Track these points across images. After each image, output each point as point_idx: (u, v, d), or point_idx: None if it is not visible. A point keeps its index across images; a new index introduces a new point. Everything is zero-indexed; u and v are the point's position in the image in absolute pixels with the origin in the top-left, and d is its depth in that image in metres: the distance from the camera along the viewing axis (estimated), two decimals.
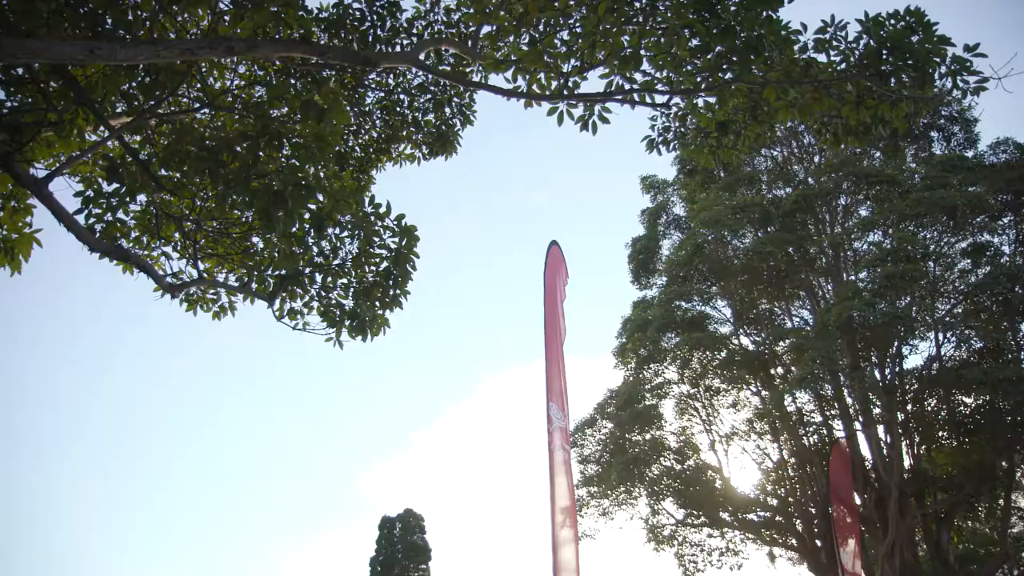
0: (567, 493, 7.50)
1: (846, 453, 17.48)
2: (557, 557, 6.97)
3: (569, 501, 7.49)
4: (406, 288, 6.70)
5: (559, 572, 6.94)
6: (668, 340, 19.83)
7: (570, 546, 7.29)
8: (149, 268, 6.30)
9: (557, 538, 7.03)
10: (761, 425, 19.72)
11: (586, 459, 20.22)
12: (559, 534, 7.06)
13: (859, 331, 15.76)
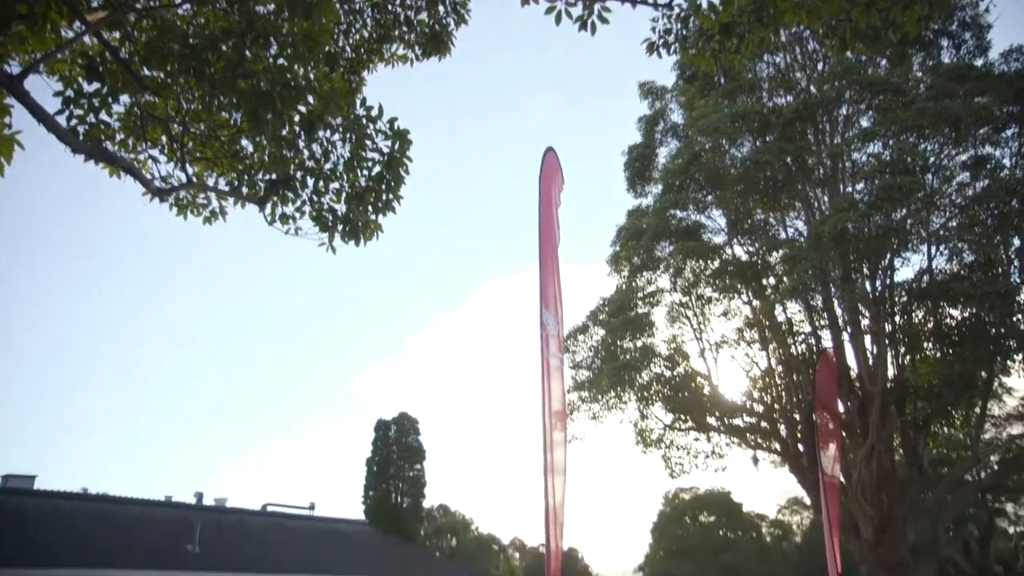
0: (559, 398, 7.68)
1: (832, 362, 17.86)
2: (548, 458, 7.20)
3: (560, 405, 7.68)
4: (399, 193, 6.62)
5: (550, 473, 7.19)
6: (662, 249, 19.87)
7: (561, 448, 7.53)
8: (136, 171, 6.18)
9: (548, 440, 7.24)
10: (751, 334, 20.05)
11: (578, 365, 20.64)
12: (550, 437, 7.27)
13: (852, 243, 15.78)
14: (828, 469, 15.64)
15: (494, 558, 68.77)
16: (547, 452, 7.20)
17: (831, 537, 14.96)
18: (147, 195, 6.28)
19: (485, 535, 73.56)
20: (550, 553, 6.97)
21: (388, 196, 6.59)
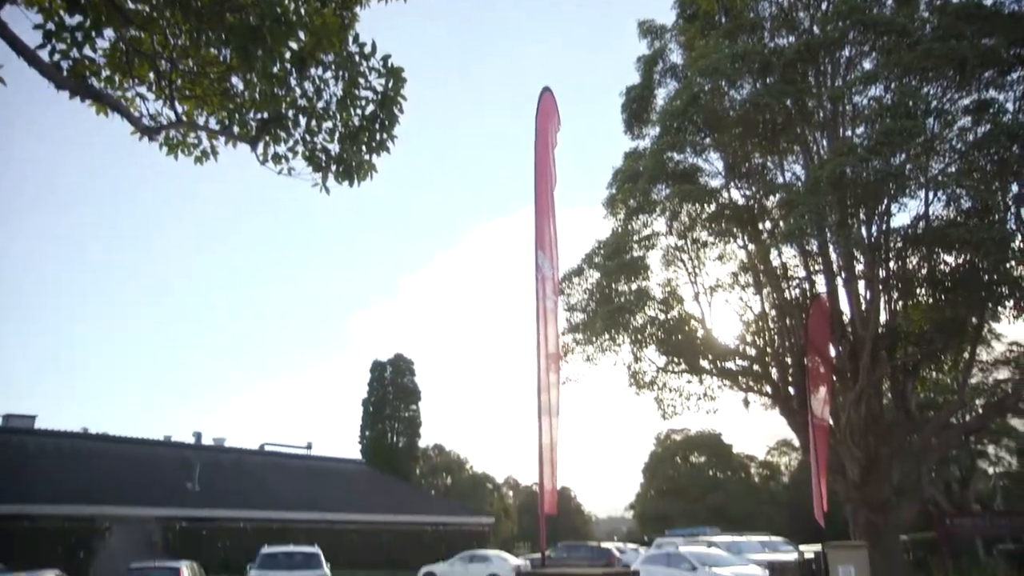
0: (553, 340, 7.74)
1: (826, 307, 17.97)
2: (542, 399, 7.29)
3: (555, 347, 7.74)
4: (393, 132, 6.51)
5: (544, 413, 7.30)
6: (658, 192, 19.74)
7: (555, 390, 7.61)
8: (123, 109, 6.04)
9: (542, 382, 7.32)
10: (745, 278, 20.10)
11: (572, 307, 20.72)
12: (544, 378, 7.35)
13: (850, 187, 15.69)
14: (818, 412, 15.90)
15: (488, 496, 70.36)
16: (541, 393, 7.29)
17: (818, 477, 15.32)
18: (136, 134, 6.16)
19: (479, 474, 75.12)
20: (543, 492, 7.12)
21: (382, 136, 6.49)
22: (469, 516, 43.20)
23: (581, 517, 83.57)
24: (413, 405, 53.36)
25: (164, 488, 33.32)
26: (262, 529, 31.87)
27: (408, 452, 52.51)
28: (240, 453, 42.61)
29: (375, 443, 51.26)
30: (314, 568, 16.55)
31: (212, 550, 30.03)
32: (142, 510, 30.51)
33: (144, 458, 36.97)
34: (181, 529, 30.77)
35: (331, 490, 39.95)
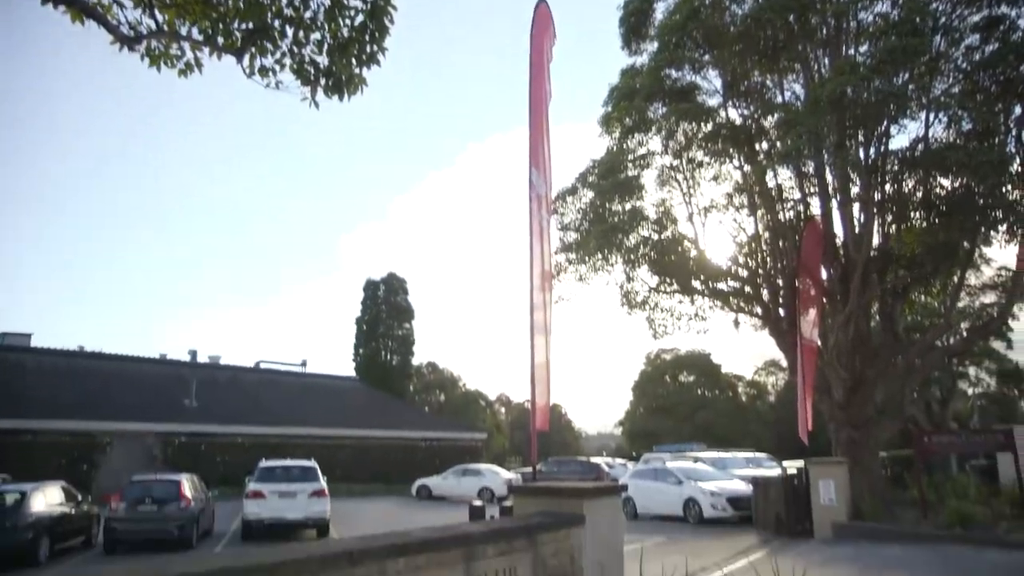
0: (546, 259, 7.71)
1: (819, 229, 17.96)
2: (534, 318, 7.32)
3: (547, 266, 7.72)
4: (383, 44, 6.28)
5: (536, 332, 7.34)
6: (655, 110, 19.36)
7: (547, 308, 7.64)
8: (100, 16, 5.77)
9: (535, 301, 7.34)
10: (740, 199, 19.97)
11: (566, 227, 20.63)
12: (536, 298, 7.36)
13: (850, 108, 15.40)
14: (807, 333, 16.10)
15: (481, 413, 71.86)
16: (533, 312, 7.31)
17: (804, 397, 15.65)
18: (115, 44, 5.91)
19: (472, 391, 76.53)
20: (535, 408, 7.24)
21: (372, 48, 6.26)
22: (462, 432, 44.29)
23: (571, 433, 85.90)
24: (406, 324, 53.83)
25: (162, 404, 33.90)
26: (259, 444, 32.62)
27: (401, 370, 53.32)
28: (235, 371, 43.19)
29: (369, 361, 51.95)
30: (311, 481, 16.99)
31: (211, 464, 30.82)
32: (141, 425, 31.12)
33: (140, 375, 37.45)
34: (180, 444, 31.48)
35: (326, 407, 40.73)
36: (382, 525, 18.46)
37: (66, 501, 15.11)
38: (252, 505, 16.28)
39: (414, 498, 30.63)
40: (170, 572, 3.18)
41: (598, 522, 5.81)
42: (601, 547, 5.80)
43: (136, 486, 15.59)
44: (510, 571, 4.87)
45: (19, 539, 13.02)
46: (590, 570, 5.62)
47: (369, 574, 3.90)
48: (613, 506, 6.06)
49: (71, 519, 15.02)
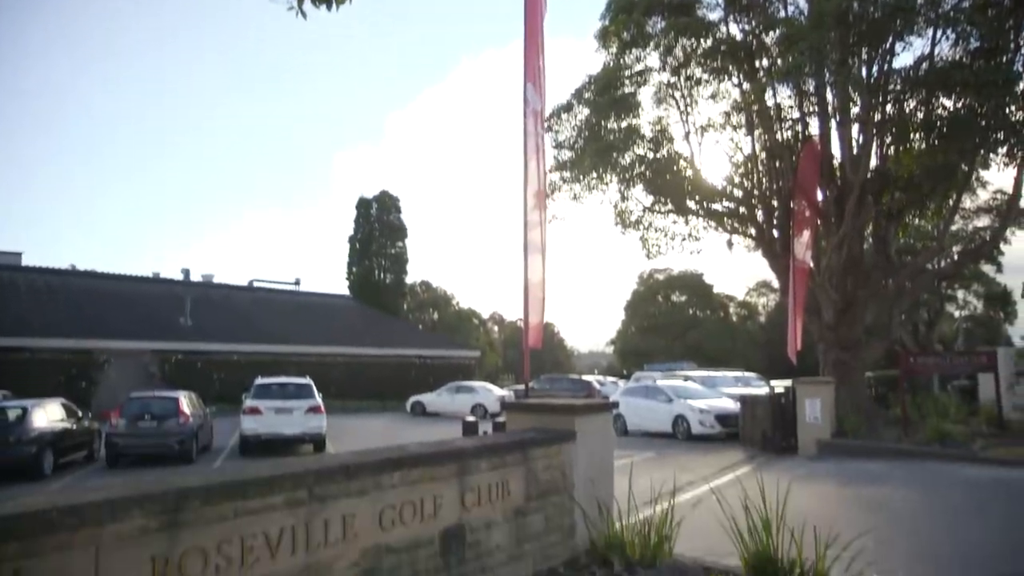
0: (539, 177, 7.59)
1: (817, 150, 17.73)
2: (528, 237, 7.26)
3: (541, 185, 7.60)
4: None
5: (529, 250, 7.29)
6: (653, 24, 18.75)
7: (539, 228, 7.57)
8: None
9: (528, 219, 7.26)
10: (738, 118, 19.61)
11: (560, 144, 20.32)
12: (530, 216, 7.28)
13: (855, 23, 14.94)
14: (800, 255, 16.12)
15: (474, 331, 72.65)
16: (527, 231, 7.25)
17: (794, 318, 15.80)
18: None
19: (466, 310, 77.08)
20: (528, 327, 7.27)
21: None
22: (455, 350, 44.84)
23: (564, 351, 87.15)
24: (399, 242, 53.67)
25: (157, 323, 34.07)
26: (254, 362, 32.97)
27: (395, 288, 53.48)
28: (229, 289, 43.25)
29: (362, 279, 52.03)
30: (306, 398, 17.23)
31: (207, 381, 31.21)
32: (137, 344, 31.35)
33: (134, 294, 37.48)
34: (176, 362, 31.81)
35: (320, 325, 41.03)
36: (377, 440, 18.89)
37: (67, 417, 15.33)
38: (249, 421, 16.56)
39: (408, 415, 31.24)
40: (171, 485, 3.22)
41: (589, 438, 5.93)
42: (592, 462, 5.93)
43: (135, 402, 15.79)
44: (502, 485, 4.98)
45: (23, 453, 13.27)
46: (581, 484, 5.76)
47: (365, 488, 3.97)
48: (604, 423, 6.17)
49: (73, 434, 15.27)
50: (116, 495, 2.97)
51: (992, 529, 7.75)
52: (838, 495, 10.03)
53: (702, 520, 6.45)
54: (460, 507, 4.62)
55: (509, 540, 5.02)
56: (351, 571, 3.86)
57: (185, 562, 3.13)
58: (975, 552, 6.80)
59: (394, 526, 4.14)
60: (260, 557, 3.42)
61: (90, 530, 2.83)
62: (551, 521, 5.46)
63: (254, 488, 3.41)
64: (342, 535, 3.82)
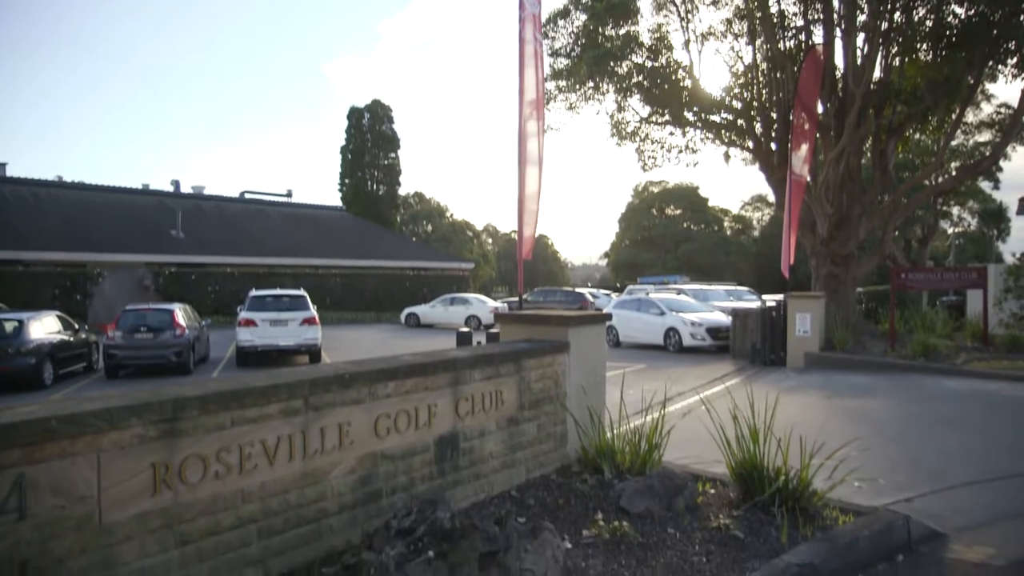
0: (535, 86, 7.38)
1: (819, 60, 17.25)
2: (523, 148, 7.13)
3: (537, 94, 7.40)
4: None
5: (524, 163, 7.17)
6: None
7: (536, 138, 7.42)
8: None
9: (524, 130, 7.10)
10: (740, 26, 19.02)
11: (557, 52, 19.74)
12: (526, 126, 7.12)
13: None
14: (797, 168, 15.94)
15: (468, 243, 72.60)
16: (522, 142, 7.10)
17: (789, 232, 15.78)
18: None
19: (459, 221, 76.79)
20: (522, 239, 7.23)
21: None
22: (449, 262, 44.90)
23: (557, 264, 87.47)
24: (392, 153, 52.89)
25: (149, 235, 33.85)
26: (248, 274, 33.01)
27: (388, 200, 53.04)
28: (220, 201, 42.79)
29: (355, 191, 51.52)
30: (301, 310, 17.33)
31: (202, 294, 31.32)
32: (130, 256, 31.24)
33: (125, 206, 37.05)
34: (170, 274, 31.80)
35: (314, 237, 40.86)
36: (372, 351, 19.14)
37: (63, 329, 15.42)
38: (245, 333, 16.70)
39: (403, 326, 31.57)
40: (167, 394, 3.25)
41: (582, 349, 6.00)
42: (584, 373, 6.02)
43: (130, 315, 15.85)
44: (496, 394, 5.06)
45: (23, 363, 13.41)
46: (573, 394, 5.86)
47: (360, 397, 4.03)
48: (597, 334, 6.23)
49: (70, 346, 15.40)
50: (114, 404, 3.00)
51: (968, 438, 8.00)
52: (824, 406, 10.28)
53: (691, 429, 6.62)
54: (454, 416, 4.71)
55: (502, 448, 5.15)
56: (348, 478, 3.97)
57: (185, 469, 3.19)
58: (952, 459, 7.03)
59: (389, 434, 4.22)
60: (258, 464, 3.50)
61: (90, 438, 2.87)
62: (544, 430, 5.59)
63: (250, 397, 3.45)
64: (338, 443, 3.90)
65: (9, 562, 2.65)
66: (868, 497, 5.45)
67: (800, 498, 4.74)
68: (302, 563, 3.71)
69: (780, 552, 4.12)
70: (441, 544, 3.31)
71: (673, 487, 4.85)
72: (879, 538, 4.57)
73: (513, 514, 4.53)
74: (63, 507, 2.80)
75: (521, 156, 7.09)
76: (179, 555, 3.19)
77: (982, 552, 4.66)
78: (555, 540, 3.73)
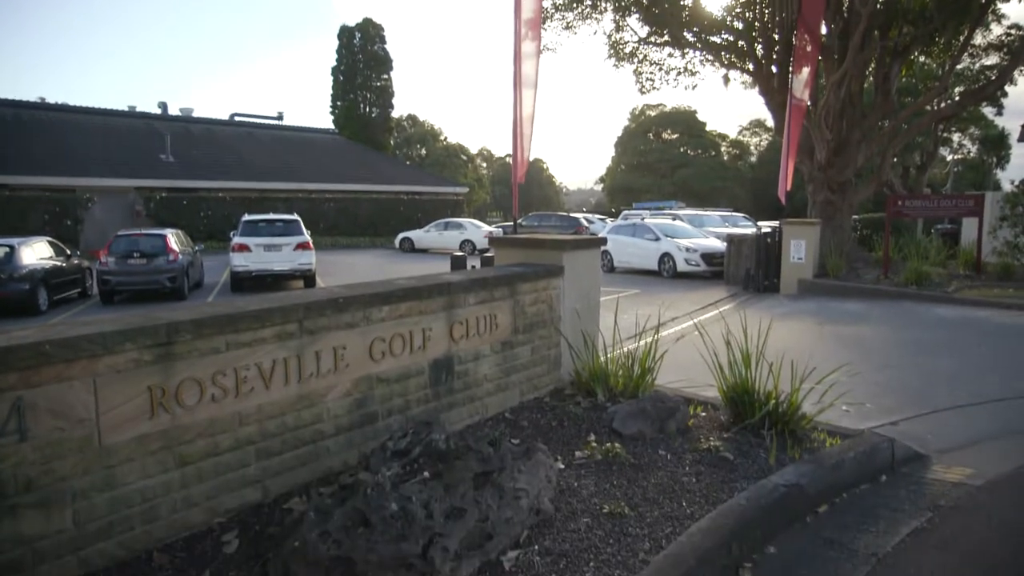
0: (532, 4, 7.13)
1: None
2: (518, 70, 6.94)
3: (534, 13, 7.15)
4: None
5: (520, 85, 7.00)
6: None
7: (532, 60, 7.21)
8: None
9: (520, 51, 6.90)
10: None
11: None
12: (522, 47, 6.92)
13: None
14: (798, 92, 15.63)
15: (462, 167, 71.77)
16: (517, 63, 6.91)
17: (788, 158, 15.59)
18: None
19: (453, 145, 75.69)
20: (516, 163, 7.13)
21: None
22: (443, 186, 44.47)
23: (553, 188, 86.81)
24: (384, 74, 51.61)
25: (138, 160, 33.28)
26: (240, 199, 32.70)
27: (381, 123, 52.07)
28: (210, 124, 41.94)
29: (347, 113, 50.51)
30: (294, 235, 17.24)
31: (194, 219, 31.07)
32: (120, 181, 30.80)
33: (111, 129, 36.27)
34: (161, 199, 31.45)
35: (306, 161, 40.28)
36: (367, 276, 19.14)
37: (56, 255, 15.32)
38: (239, 258, 16.65)
39: (397, 251, 31.52)
40: (160, 319, 3.24)
41: (577, 273, 5.99)
42: (579, 297, 6.04)
43: (122, 240, 15.74)
44: (490, 318, 5.08)
45: (17, 288, 13.38)
46: (568, 318, 5.90)
47: (355, 321, 4.04)
48: (592, 258, 6.22)
49: (64, 271, 15.34)
50: (107, 329, 3.00)
51: (955, 364, 8.13)
52: (815, 332, 10.40)
53: (684, 354, 6.70)
54: (449, 339, 4.74)
55: (497, 371, 5.21)
56: (344, 400, 4.02)
57: (182, 392, 3.22)
58: (938, 384, 7.16)
59: (384, 358, 4.26)
60: (255, 388, 3.53)
61: (85, 362, 2.88)
62: (537, 353, 5.65)
63: (244, 321, 3.45)
64: (334, 366, 3.93)
65: (14, 481, 2.70)
66: (855, 420, 5.57)
67: (789, 421, 4.83)
68: (300, 484, 3.79)
69: (768, 473, 4.23)
70: (436, 465, 3.38)
71: (665, 410, 4.93)
72: (864, 460, 4.68)
73: (507, 436, 4.62)
74: (63, 429, 2.83)
75: (517, 78, 6.91)
76: (179, 475, 3.25)
77: (961, 472, 4.80)
78: (548, 461, 3.82)
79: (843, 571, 3.48)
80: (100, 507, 2.98)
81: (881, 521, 4.05)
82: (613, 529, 3.45)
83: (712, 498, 3.86)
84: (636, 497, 3.84)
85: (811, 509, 4.15)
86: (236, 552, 3.16)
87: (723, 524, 3.51)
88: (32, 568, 2.78)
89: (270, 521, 3.43)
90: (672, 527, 3.50)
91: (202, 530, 3.34)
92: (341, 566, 2.77)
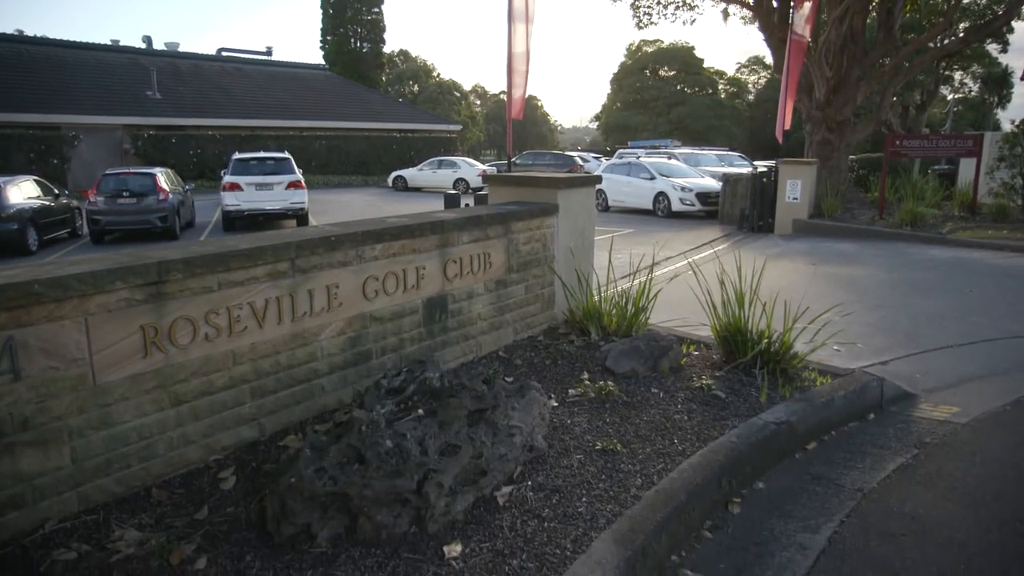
0: None
1: None
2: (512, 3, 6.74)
3: None
4: None
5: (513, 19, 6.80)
6: None
7: None
8: None
9: None
10: None
11: None
12: None
13: None
14: (799, 28, 15.28)
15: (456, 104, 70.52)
16: None
17: (786, 95, 15.34)
18: None
19: (447, 81, 74.26)
20: (511, 100, 6.99)
21: None
22: (437, 124, 43.77)
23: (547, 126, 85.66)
24: (375, 7, 50.19)
25: (124, 96, 32.52)
26: (230, 136, 32.15)
27: (372, 58, 50.89)
28: (197, 59, 40.89)
29: (337, 48, 49.32)
30: (286, 173, 17.02)
31: (184, 158, 30.61)
32: (106, 118, 30.16)
33: (94, 64, 35.31)
34: (149, 137, 30.90)
35: (297, 97, 39.49)
36: (360, 214, 19.03)
37: (44, 194, 15.10)
38: (230, 197, 16.47)
39: (391, 189, 31.23)
40: (150, 257, 3.20)
41: (571, 212, 5.95)
42: (573, 235, 6.00)
43: (111, 179, 15.51)
44: (484, 257, 5.06)
45: (5, 228, 13.23)
46: (562, 257, 5.88)
47: (347, 259, 4.01)
48: (586, 197, 6.16)
49: (52, 211, 15.14)
50: (97, 268, 2.96)
51: (946, 304, 8.18)
52: (809, 272, 10.42)
53: (678, 293, 6.71)
54: (443, 278, 4.73)
55: (490, 310, 5.21)
56: (338, 339, 4.02)
57: (175, 331, 3.21)
58: (929, 324, 7.21)
59: (378, 296, 4.24)
60: (248, 326, 3.52)
61: (76, 301, 2.86)
62: (531, 292, 5.64)
63: (236, 260, 3.42)
64: (327, 305, 3.92)
65: (10, 419, 2.71)
66: (846, 360, 5.62)
67: (781, 360, 4.87)
68: (295, 421, 3.83)
69: (759, 411, 4.28)
70: (430, 402, 3.41)
71: (658, 348, 4.96)
72: (853, 398, 4.75)
73: (501, 373, 4.66)
74: (56, 368, 2.83)
75: (511, 12, 6.71)
76: (175, 414, 3.27)
77: (947, 410, 4.87)
78: (542, 398, 3.85)
79: (829, 506, 3.56)
80: (97, 445, 3.00)
81: (868, 458, 4.13)
82: (605, 465, 3.51)
83: (703, 435, 3.92)
84: (628, 434, 3.89)
85: (800, 446, 4.22)
86: (233, 488, 3.21)
87: (714, 460, 3.57)
88: (33, 504, 2.82)
89: (266, 458, 3.47)
90: (664, 463, 3.56)
91: (199, 467, 3.38)
92: (337, 501, 2.82)
